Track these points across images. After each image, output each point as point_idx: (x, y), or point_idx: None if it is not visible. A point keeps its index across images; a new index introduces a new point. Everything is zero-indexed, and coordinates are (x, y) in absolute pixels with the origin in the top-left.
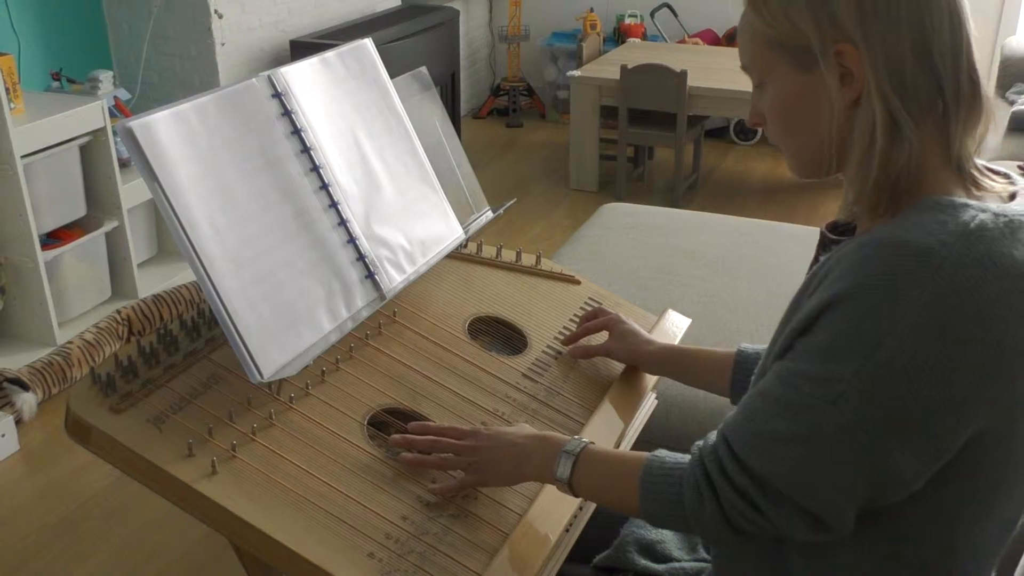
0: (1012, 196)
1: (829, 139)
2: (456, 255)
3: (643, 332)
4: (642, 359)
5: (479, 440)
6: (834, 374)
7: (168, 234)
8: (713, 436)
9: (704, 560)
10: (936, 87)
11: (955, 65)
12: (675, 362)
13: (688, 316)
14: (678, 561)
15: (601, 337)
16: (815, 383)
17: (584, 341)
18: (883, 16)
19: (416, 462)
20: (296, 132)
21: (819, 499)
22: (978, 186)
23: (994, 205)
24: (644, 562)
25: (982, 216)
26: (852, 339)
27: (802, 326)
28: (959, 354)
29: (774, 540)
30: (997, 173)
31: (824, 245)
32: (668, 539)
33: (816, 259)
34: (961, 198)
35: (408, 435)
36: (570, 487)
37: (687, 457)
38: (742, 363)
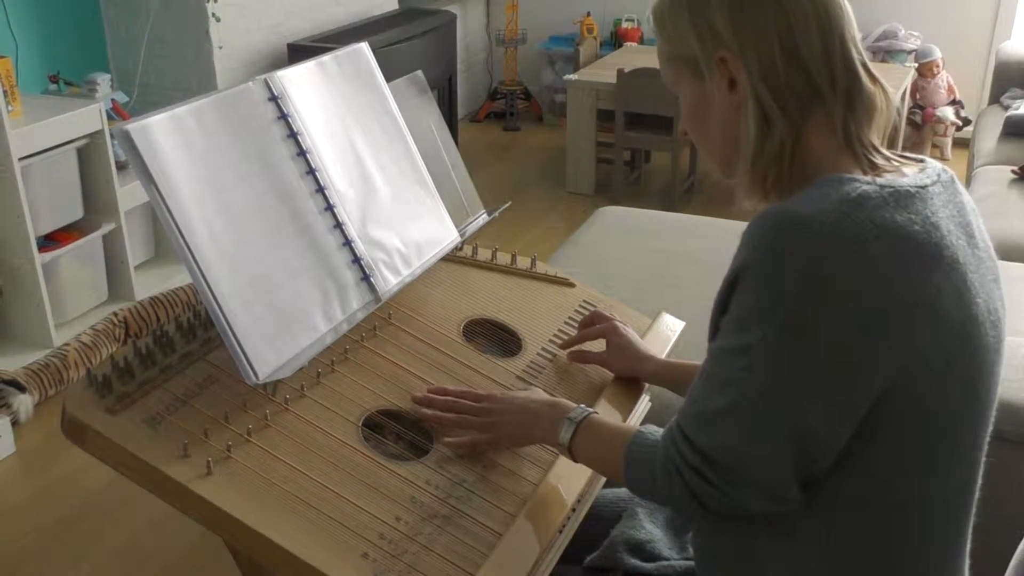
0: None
1: (723, 141)
2: (451, 258)
3: (639, 344)
4: (641, 374)
5: (494, 403)
6: (745, 344)
7: (166, 236)
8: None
9: (693, 559)
10: (810, 83)
11: (827, 62)
12: (673, 378)
13: (683, 319)
14: (667, 560)
15: (599, 344)
16: (733, 355)
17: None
18: (752, 22)
19: (435, 419)
20: (292, 135)
21: (758, 467)
22: (875, 167)
23: (883, 179)
24: (634, 561)
25: (865, 187)
26: (753, 309)
27: (721, 306)
28: (846, 313)
29: (746, 517)
30: (911, 159)
31: None
32: (658, 538)
33: None
34: (851, 174)
35: (428, 394)
36: (570, 452)
37: None
38: None
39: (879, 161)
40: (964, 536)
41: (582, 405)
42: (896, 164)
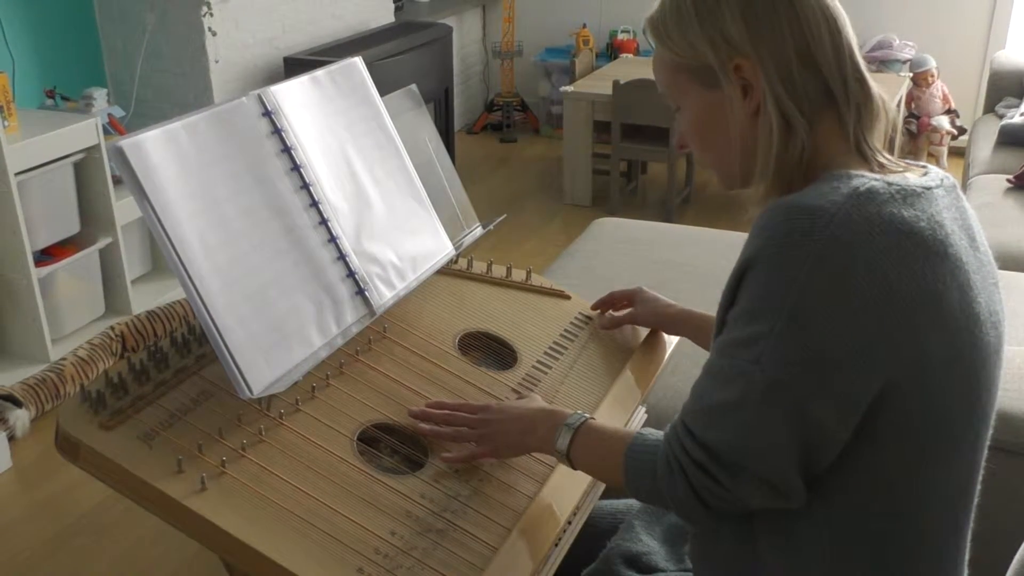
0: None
1: (740, 149)
2: (446, 271)
3: (664, 298)
4: (664, 320)
5: (490, 413)
6: (754, 334)
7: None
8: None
9: (690, 570)
10: (824, 87)
11: (839, 67)
12: (693, 324)
13: None
14: (664, 572)
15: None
16: (741, 347)
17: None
18: (767, 29)
19: (433, 433)
20: (286, 150)
21: (764, 462)
22: (884, 168)
23: (891, 177)
24: (631, 574)
25: (873, 183)
26: (763, 299)
27: (728, 298)
28: (853, 305)
29: (744, 520)
30: (913, 165)
31: None
32: (655, 550)
33: None
34: (859, 170)
35: (426, 409)
36: (568, 459)
37: None
38: None
39: (886, 163)
40: (963, 541)
41: (579, 411)
42: (901, 167)
